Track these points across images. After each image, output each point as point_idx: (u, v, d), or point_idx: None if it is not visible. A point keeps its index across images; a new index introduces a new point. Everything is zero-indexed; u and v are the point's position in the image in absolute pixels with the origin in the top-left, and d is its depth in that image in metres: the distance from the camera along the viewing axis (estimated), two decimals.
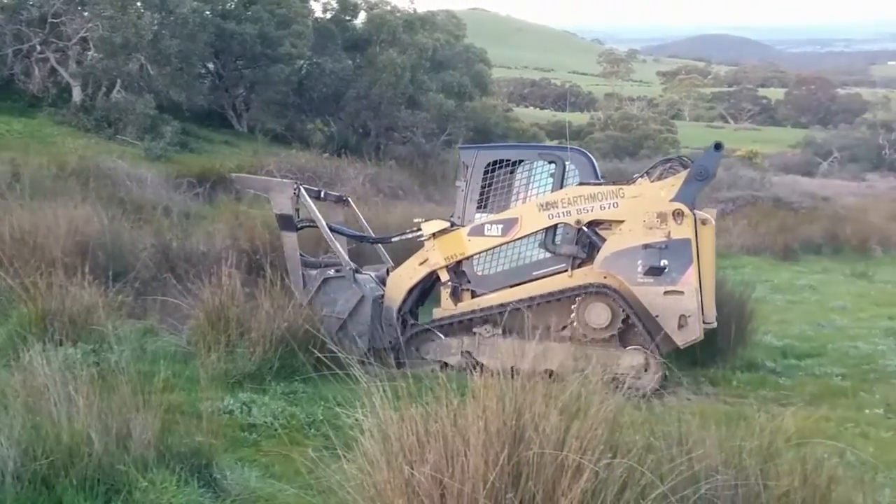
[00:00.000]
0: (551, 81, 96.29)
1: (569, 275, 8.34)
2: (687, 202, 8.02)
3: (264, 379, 7.01)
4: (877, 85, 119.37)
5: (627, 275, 8.04)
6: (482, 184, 8.65)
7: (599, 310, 8.15)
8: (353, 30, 32.69)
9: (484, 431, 3.44)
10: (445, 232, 8.57)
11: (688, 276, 7.96)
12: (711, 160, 8.20)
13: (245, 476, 5.10)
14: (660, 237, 8.00)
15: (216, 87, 29.44)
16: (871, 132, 59.25)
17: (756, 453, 3.92)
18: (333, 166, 21.11)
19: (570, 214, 8.27)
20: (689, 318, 7.96)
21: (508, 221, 8.41)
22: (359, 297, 8.59)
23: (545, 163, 8.67)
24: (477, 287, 8.60)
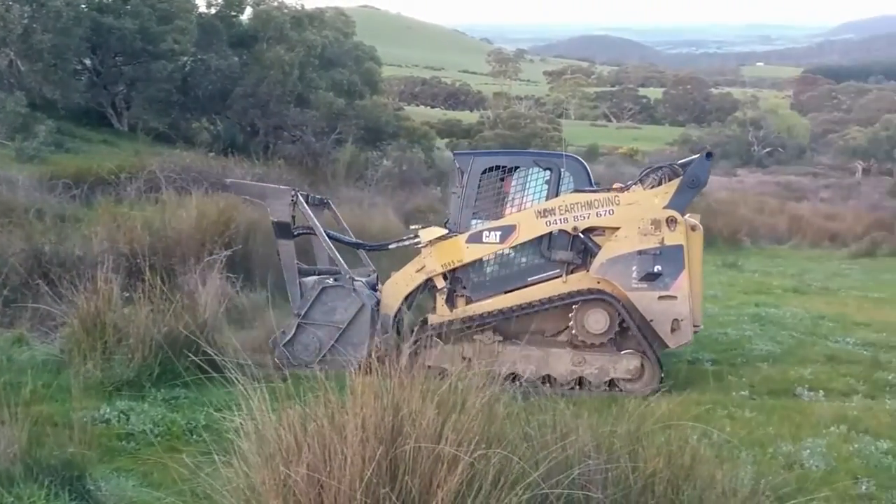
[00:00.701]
0: (441, 80, 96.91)
1: (563, 280, 8.49)
2: (679, 209, 8.31)
3: (143, 385, 6.84)
4: (746, 85, 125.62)
5: (622, 280, 8.25)
6: (478, 190, 8.72)
7: (598, 315, 8.30)
8: (239, 26, 31.99)
9: (361, 428, 3.45)
10: (443, 239, 8.60)
11: (680, 282, 8.25)
12: (703, 168, 8.43)
13: (121, 486, 4.98)
14: (654, 243, 8.25)
15: (94, 85, 28.30)
16: (741, 130, 62.39)
17: (626, 437, 4.08)
18: (220, 166, 20.56)
19: (568, 221, 8.42)
20: (682, 322, 8.28)
21: (506, 228, 8.50)
22: (358, 305, 8.52)
23: (540, 169, 8.76)
24: (472, 293, 8.69)
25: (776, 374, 8.93)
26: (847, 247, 24.08)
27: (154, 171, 17.41)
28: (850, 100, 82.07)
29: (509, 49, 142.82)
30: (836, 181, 46.43)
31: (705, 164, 8.46)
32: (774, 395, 8.27)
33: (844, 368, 9.30)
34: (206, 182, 17.08)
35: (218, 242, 10.91)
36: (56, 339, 7.63)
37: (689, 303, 8.29)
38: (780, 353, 9.96)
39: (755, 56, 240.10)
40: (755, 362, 9.44)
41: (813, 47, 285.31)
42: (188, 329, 7.00)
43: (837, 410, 7.54)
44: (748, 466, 4.80)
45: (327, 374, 4.07)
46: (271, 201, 8.91)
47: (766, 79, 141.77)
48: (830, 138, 64.96)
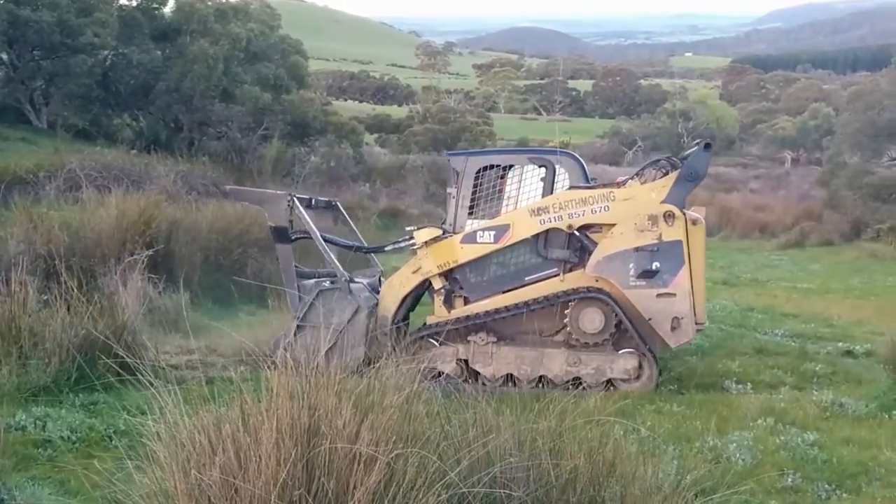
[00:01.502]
0: (370, 74, 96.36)
1: (560, 279, 8.36)
2: (678, 203, 8.12)
3: (61, 391, 6.69)
4: (675, 76, 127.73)
5: (620, 278, 8.10)
6: (473, 190, 8.64)
7: (592, 314, 8.18)
8: (162, 19, 31.26)
9: (275, 430, 3.42)
10: (438, 240, 8.52)
11: (680, 278, 8.06)
12: (701, 161, 8.26)
13: (36, 494, 4.86)
14: (651, 239, 8.07)
15: (10, 80, 27.34)
16: (670, 121, 63.20)
17: (547, 434, 4.10)
18: (143, 163, 20.13)
19: (562, 219, 8.29)
20: (683, 321, 8.07)
21: (500, 228, 8.41)
22: (354, 307, 8.53)
23: (535, 167, 8.67)
24: (469, 293, 8.58)
25: (704, 368, 9.02)
26: (776, 237, 24.65)
27: (74, 170, 16.97)
28: (778, 89, 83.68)
29: (438, 42, 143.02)
30: (766, 171, 47.17)
31: (703, 156, 8.32)
32: (702, 388, 8.31)
33: (772, 360, 9.47)
34: (127, 180, 16.72)
35: (139, 242, 10.74)
36: None
37: (690, 300, 8.11)
38: (708, 347, 10.10)
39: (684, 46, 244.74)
40: (683, 356, 9.52)
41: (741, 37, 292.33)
42: (106, 332, 6.84)
43: (765, 403, 7.64)
44: (673, 461, 4.87)
45: (243, 374, 4.03)
46: (268, 207, 9.05)
47: (695, 69, 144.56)
48: (759, 128, 66.03)
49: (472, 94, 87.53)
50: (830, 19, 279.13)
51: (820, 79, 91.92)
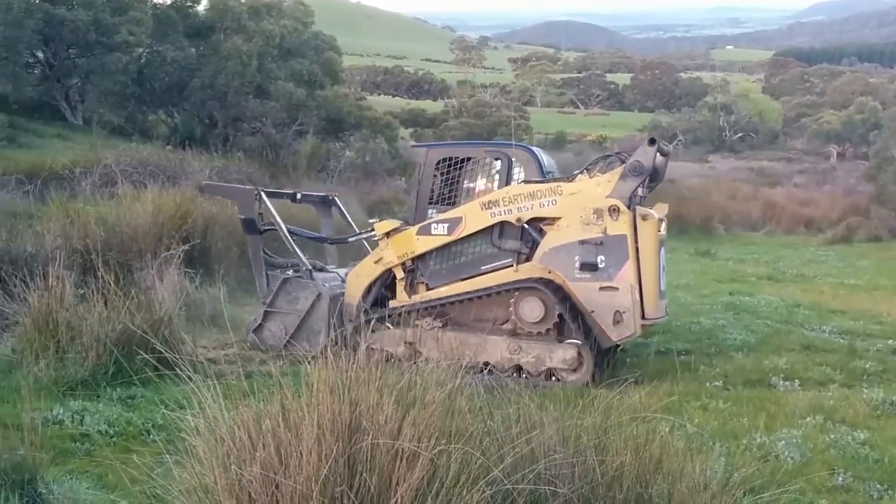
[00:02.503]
0: (404, 69, 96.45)
1: (514, 270, 8.44)
2: (623, 198, 8.10)
3: (98, 385, 6.67)
4: (716, 69, 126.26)
5: (565, 270, 8.15)
6: (433, 181, 8.90)
7: (533, 304, 8.23)
8: (196, 16, 31.50)
9: (317, 425, 3.34)
10: (397, 231, 8.76)
11: (623, 273, 8.05)
12: (646, 155, 8.22)
13: (74, 488, 4.82)
14: (596, 233, 8.10)
15: (47, 78, 27.71)
16: (711, 115, 62.46)
17: (592, 430, 3.99)
18: (178, 159, 20.26)
19: (512, 212, 8.38)
20: (625, 315, 8.03)
21: (453, 220, 8.56)
22: (315, 294, 8.91)
23: (492, 160, 8.84)
24: (430, 281, 8.74)
25: (750, 364, 8.83)
26: (822, 233, 24.17)
27: (110, 166, 17.11)
28: (822, 83, 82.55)
29: (472, 37, 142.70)
30: (811, 166, 46.36)
31: (649, 151, 8.22)
32: (749, 385, 8.15)
33: (820, 357, 9.23)
34: (162, 176, 16.83)
35: (175, 237, 10.76)
36: (7, 339, 7.42)
37: (633, 295, 8.05)
38: (754, 343, 9.88)
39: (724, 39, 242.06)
40: (729, 352, 9.34)
41: (783, 30, 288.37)
42: (143, 326, 6.82)
43: (813, 400, 7.45)
44: (720, 458, 4.74)
45: (283, 370, 3.96)
46: (238, 200, 9.64)
47: (737, 62, 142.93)
48: (804, 122, 65.17)
49: (507, 88, 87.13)
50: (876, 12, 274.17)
51: (866, 72, 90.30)
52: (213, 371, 4.24)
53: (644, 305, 8.17)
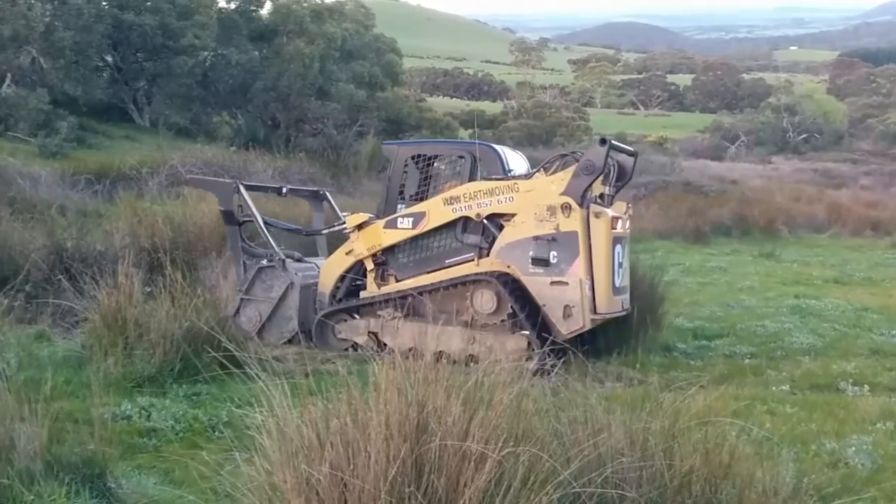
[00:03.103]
0: (463, 71, 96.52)
1: (476, 264, 8.68)
2: (575, 196, 8.27)
3: (165, 381, 6.74)
4: (780, 70, 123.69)
5: (520, 265, 8.38)
6: (402, 178, 9.28)
7: (487, 297, 8.52)
8: (259, 20, 32.04)
9: (385, 426, 3.32)
10: (367, 224, 9.08)
11: (574, 268, 8.23)
12: (597, 155, 8.39)
13: (142, 483, 4.87)
14: (549, 229, 8.30)
15: (115, 81, 28.46)
16: (775, 116, 61.27)
17: (661, 434, 3.92)
18: (241, 160, 20.63)
19: (472, 208, 8.63)
20: (574, 309, 8.22)
21: (418, 215, 8.84)
22: (288, 283, 9.33)
23: (457, 157, 9.20)
24: (398, 273, 9.05)
25: (818, 369, 8.61)
26: (890, 235, 23.39)
27: (175, 166, 17.49)
28: (890, 83, 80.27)
29: (532, 38, 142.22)
30: (878, 167, 45.07)
31: (599, 151, 8.39)
32: (817, 389, 7.95)
33: (890, 362, 8.96)
34: (227, 176, 17.10)
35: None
36: (77, 335, 7.57)
37: (583, 289, 8.20)
38: (821, 347, 9.63)
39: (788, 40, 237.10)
40: (796, 356, 9.13)
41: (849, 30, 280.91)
42: (209, 324, 6.90)
43: (883, 406, 7.20)
44: (790, 464, 4.63)
45: (350, 369, 3.95)
46: (219, 193, 10.09)
47: (801, 63, 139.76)
48: (870, 123, 63.64)
49: (567, 89, 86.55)
50: None
51: None
52: (281, 369, 4.26)
53: (596, 300, 8.32)
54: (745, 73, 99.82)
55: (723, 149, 56.38)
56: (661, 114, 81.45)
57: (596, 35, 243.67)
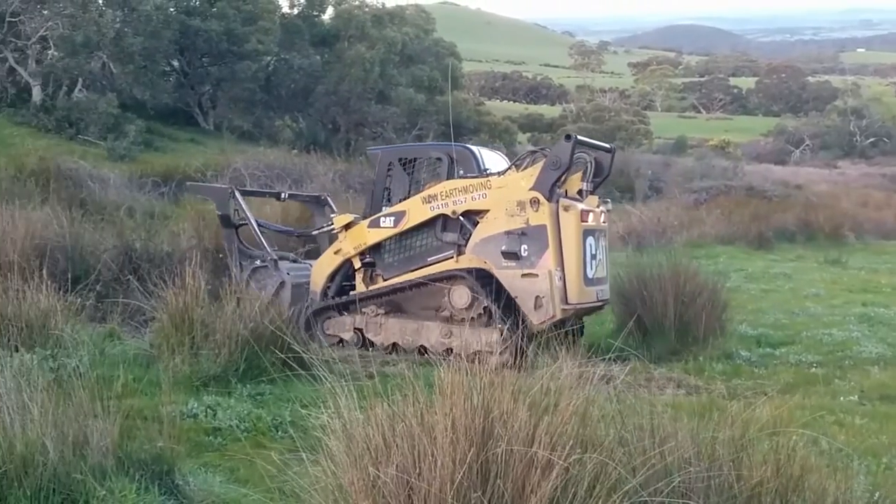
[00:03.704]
0: (522, 74, 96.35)
1: (455, 261, 8.99)
2: (544, 191, 8.55)
3: (230, 381, 6.84)
4: (846, 72, 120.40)
5: (493, 259, 8.69)
6: (385, 180, 9.65)
7: (461, 292, 8.81)
8: (321, 25, 32.44)
9: (451, 430, 3.33)
10: (353, 224, 9.49)
11: (544, 260, 8.51)
12: (563, 151, 8.66)
13: (208, 481, 4.95)
14: (519, 224, 8.59)
15: (181, 85, 29.11)
16: (841, 119, 59.78)
17: (729, 444, 3.84)
18: (303, 163, 20.89)
19: (448, 206, 8.95)
20: (544, 300, 8.50)
21: (398, 214, 9.22)
22: (279, 282, 9.76)
23: (435, 159, 9.54)
24: (384, 272, 9.41)
25: (888, 379, 8.30)
26: None
27: (239, 169, 17.79)
28: None
29: (592, 41, 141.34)
30: None
31: (565, 147, 8.66)
32: (887, 400, 7.66)
33: None
34: (288, 179, 17.36)
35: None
36: (146, 334, 7.74)
37: (552, 281, 8.47)
38: (891, 356, 9.28)
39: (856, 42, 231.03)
40: (864, 365, 8.83)
41: None
42: (275, 325, 7.01)
43: None
44: (861, 477, 4.49)
45: (415, 372, 3.97)
46: (215, 198, 10.55)
47: (869, 65, 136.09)
48: None
49: (627, 92, 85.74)
50: None
51: None
52: (347, 371, 4.30)
53: (567, 291, 8.57)
54: (811, 75, 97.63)
55: (787, 153, 55.25)
56: (724, 117, 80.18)
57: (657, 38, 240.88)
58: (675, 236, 18.57)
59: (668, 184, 30.32)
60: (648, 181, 30.80)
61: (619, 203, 27.11)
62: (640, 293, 9.24)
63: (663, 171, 33.47)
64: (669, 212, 22.10)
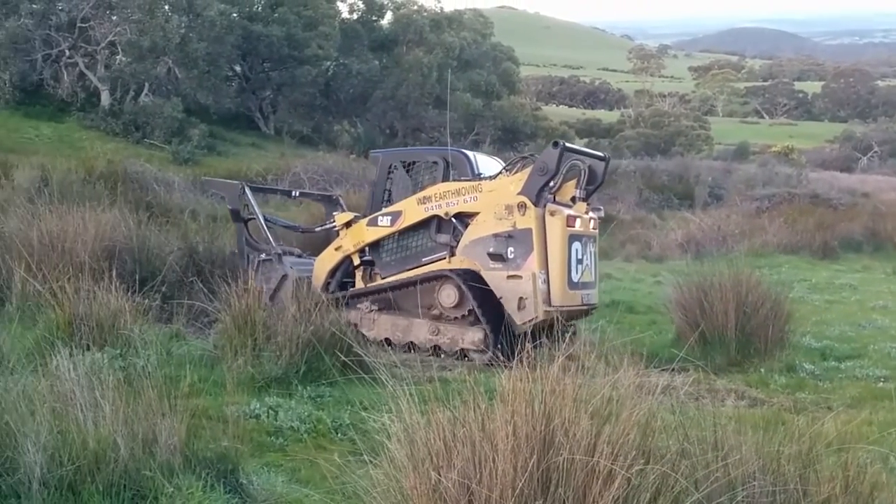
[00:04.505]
0: (580, 79, 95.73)
1: (448, 261, 9.27)
2: (531, 195, 8.82)
3: (291, 383, 6.93)
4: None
5: (481, 261, 8.98)
6: (385, 182, 10.03)
7: (449, 291, 9.08)
8: (380, 30, 32.72)
9: (512, 436, 3.34)
10: (353, 222, 9.90)
11: (529, 263, 8.76)
12: (550, 157, 8.90)
13: (271, 481, 5.02)
14: (507, 227, 8.87)
15: (243, 90, 29.62)
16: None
17: (795, 459, 3.78)
18: (361, 167, 21.08)
19: (441, 207, 9.28)
20: (527, 301, 8.75)
21: (395, 213, 9.57)
22: (282, 275, 10.16)
23: (432, 162, 9.81)
24: (382, 271, 9.75)
25: None
26: None
27: (298, 173, 18.05)
28: None
29: (651, 45, 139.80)
30: None
31: (553, 153, 8.90)
32: None
33: None
34: (347, 183, 17.53)
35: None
36: (210, 335, 7.88)
37: (535, 283, 8.70)
38: None
39: None
40: None
41: None
42: (336, 328, 7.10)
43: None
44: None
45: (476, 378, 3.99)
46: (227, 193, 11.11)
47: None
48: None
49: (687, 97, 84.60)
50: None
51: None
52: (402, 374, 4.34)
53: (550, 293, 8.79)
54: (880, 79, 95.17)
55: (853, 160, 53.92)
56: (788, 123, 78.59)
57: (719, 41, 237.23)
58: (735, 245, 18.25)
59: (729, 191, 29.87)
60: (708, 188, 30.36)
61: (677, 210, 26.84)
62: (701, 302, 9.12)
63: (724, 178, 32.97)
64: (730, 220, 21.75)
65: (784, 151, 51.72)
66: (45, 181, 13.30)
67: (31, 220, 9.37)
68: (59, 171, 14.26)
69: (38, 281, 7.48)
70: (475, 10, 38.25)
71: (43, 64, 24.84)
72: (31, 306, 7.75)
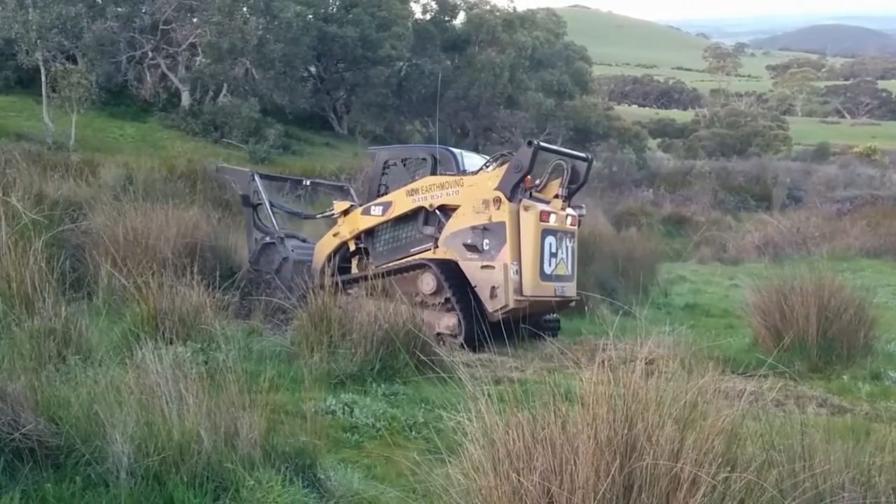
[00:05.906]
0: (654, 78, 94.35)
1: (433, 252, 9.74)
2: (506, 190, 9.25)
3: (366, 380, 6.99)
4: None
5: (459, 252, 9.48)
6: (381, 176, 10.63)
7: (427, 280, 9.58)
8: (453, 30, 32.76)
9: (594, 440, 3.30)
10: (350, 210, 10.51)
11: (502, 254, 9.25)
12: (525, 155, 9.29)
13: (348, 477, 5.06)
14: (483, 220, 9.35)
15: (318, 90, 29.99)
16: None
17: (888, 471, 3.66)
18: None
19: (426, 199, 9.83)
20: (499, 290, 9.22)
21: (386, 204, 10.19)
22: (283, 257, 10.81)
23: (421, 159, 10.37)
24: (374, 260, 10.27)
25: None
26: None
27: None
28: None
29: (728, 43, 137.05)
30: None
31: (527, 152, 9.25)
32: None
33: None
34: None
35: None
36: (287, 332, 8.00)
37: (507, 273, 9.17)
38: None
39: None
40: None
41: None
42: (410, 325, 7.14)
43: None
44: None
45: (556, 380, 3.96)
46: (238, 180, 11.91)
47: None
48: None
49: (765, 96, 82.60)
50: None
51: None
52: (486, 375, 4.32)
53: (522, 283, 9.23)
54: None
55: None
56: (870, 123, 76.12)
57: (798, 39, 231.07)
58: (815, 248, 17.75)
59: (809, 192, 29.10)
60: (787, 189, 29.62)
61: (754, 212, 26.22)
62: (781, 306, 8.89)
63: (803, 180, 32.13)
64: (809, 222, 21.19)
65: (866, 152, 50.06)
66: (130, 179, 13.71)
67: (116, 217, 9.66)
68: (143, 169, 14.68)
69: (124, 276, 7.69)
70: (548, 9, 38.01)
71: (127, 65, 25.59)
72: (117, 300, 7.99)
